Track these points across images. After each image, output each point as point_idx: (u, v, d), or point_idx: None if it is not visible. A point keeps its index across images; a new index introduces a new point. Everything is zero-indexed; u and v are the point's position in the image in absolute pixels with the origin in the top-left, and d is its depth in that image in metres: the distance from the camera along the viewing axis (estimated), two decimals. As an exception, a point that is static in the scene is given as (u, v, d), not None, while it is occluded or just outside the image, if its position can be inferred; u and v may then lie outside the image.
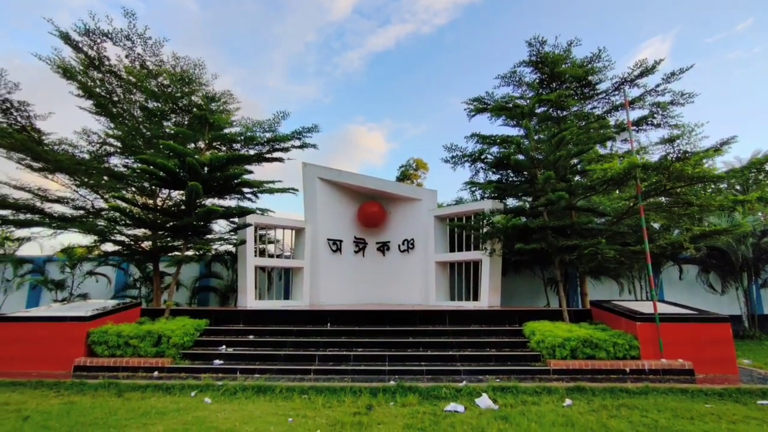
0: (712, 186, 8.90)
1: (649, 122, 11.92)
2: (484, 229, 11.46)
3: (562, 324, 8.93)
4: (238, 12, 60.25)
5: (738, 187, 16.22)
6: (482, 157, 12.21)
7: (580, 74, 11.62)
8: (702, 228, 9.55)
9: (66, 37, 10.90)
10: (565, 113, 12.32)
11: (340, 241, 14.79)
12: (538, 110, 12.33)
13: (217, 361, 8.31)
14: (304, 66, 64.65)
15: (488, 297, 11.76)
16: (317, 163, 14.54)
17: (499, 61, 60.13)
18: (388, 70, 62.55)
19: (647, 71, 11.47)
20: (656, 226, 12.59)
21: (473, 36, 58.72)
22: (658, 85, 11.39)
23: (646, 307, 9.02)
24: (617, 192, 11.34)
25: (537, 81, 12.39)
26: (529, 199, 12.64)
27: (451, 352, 8.39)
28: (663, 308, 8.94)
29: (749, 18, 49.91)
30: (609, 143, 13.57)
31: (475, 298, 12.52)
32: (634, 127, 12.24)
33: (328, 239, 14.45)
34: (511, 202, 14.00)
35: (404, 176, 32.47)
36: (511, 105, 12.29)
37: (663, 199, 10.17)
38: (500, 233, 10.63)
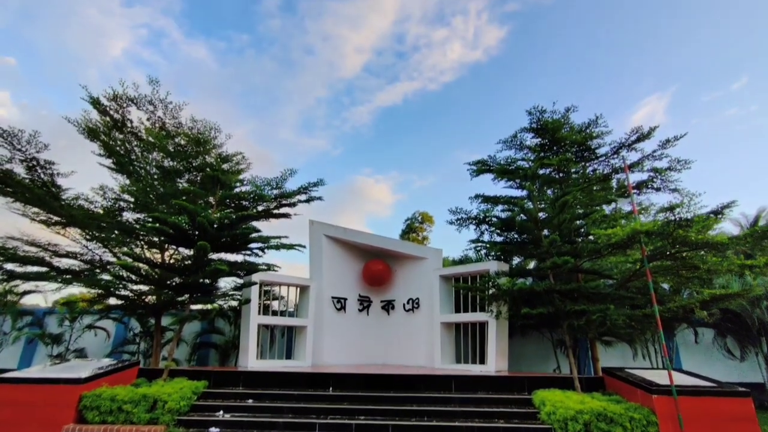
0: (717, 251, 8.88)
1: (650, 186, 12.17)
2: (490, 291, 11.35)
3: (574, 394, 8.54)
4: (254, 69, 64.33)
5: (745, 249, 16.11)
6: (487, 219, 12.40)
7: (579, 140, 12.08)
8: (712, 291, 9.39)
9: (96, 102, 11.67)
10: (566, 176, 12.65)
11: (345, 299, 14.63)
12: (541, 172, 12.66)
13: (213, 429, 7.95)
14: (314, 120, 67.73)
15: (495, 361, 11.37)
16: (324, 215, 14.90)
17: (502, 115, 62.60)
18: (395, 124, 65.28)
19: (643, 137, 11.90)
20: (666, 287, 12.40)
21: (478, 93, 61.72)
22: (654, 151, 11.77)
23: (662, 377, 8.65)
24: (623, 255, 11.32)
25: (538, 145, 12.86)
26: (535, 261, 12.61)
27: (457, 423, 7.98)
28: (680, 379, 8.56)
29: (743, 77, 52.30)
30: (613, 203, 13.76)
31: (482, 361, 12.10)
32: (636, 191, 12.48)
33: (333, 297, 14.31)
34: (517, 261, 13.95)
35: (410, 229, 32.68)
36: (513, 168, 12.67)
37: (669, 262, 10.11)
38: (506, 296, 10.51)
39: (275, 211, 14.36)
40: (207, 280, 10.40)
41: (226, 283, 14.96)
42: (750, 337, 13.60)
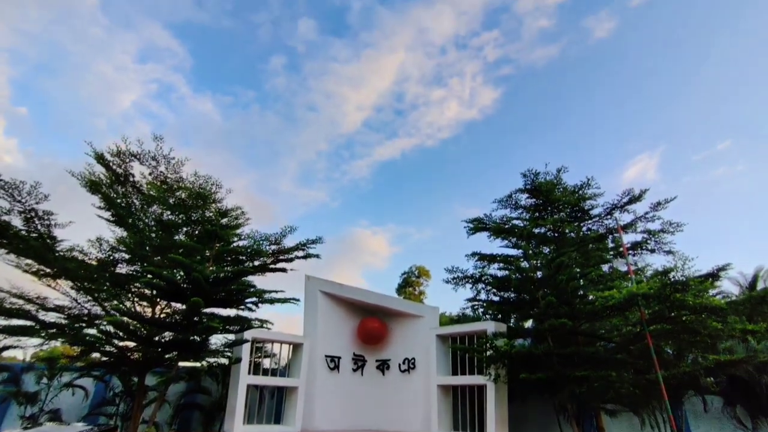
0: (717, 316, 8.77)
1: (644, 248, 12.29)
2: (488, 353, 11.03)
3: (580, 470, 8.01)
4: (258, 123, 66.85)
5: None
6: (483, 278, 12.36)
7: (573, 201, 12.36)
8: (716, 357, 9.16)
9: (100, 158, 11.97)
10: (561, 235, 12.78)
11: (339, 358, 14.12)
12: (536, 231, 12.80)
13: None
14: (315, 172, 69.29)
15: (495, 429, 10.77)
16: (320, 267, 14.87)
17: (497, 170, 64.39)
18: (393, 177, 66.81)
19: (635, 199, 12.20)
20: (669, 351, 12.07)
21: (474, 149, 63.91)
22: (647, 212, 12.02)
23: (670, 452, 8.18)
24: (622, 317, 11.16)
25: (532, 206, 13.13)
26: (533, 321, 12.39)
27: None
28: (690, 454, 8.09)
29: (727, 139, 54.59)
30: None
31: (481, 429, 11.46)
32: (631, 252, 12.57)
33: (326, 356, 13.82)
34: (514, 319, 13.68)
35: (406, 283, 32.29)
36: (509, 227, 12.83)
37: (670, 326, 9.95)
38: (504, 358, 10.20)
39: (272, 267, 14.25)
40: (198, 338, 10.08)
41: (217, 339, 14.48)
42: (760, 407, 13.02)
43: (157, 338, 10.91)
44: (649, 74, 57.40)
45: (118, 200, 12.50)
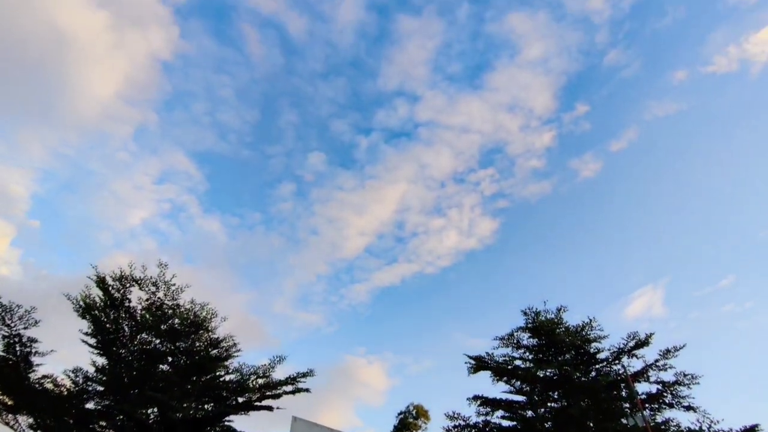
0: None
1: (661, 401, 11.39)
2: None
3: None
4: (262, 244, 68.53)
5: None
6: (487, 429, 11.22)
7: (577, 343, 11.94)
8: None
9: (101, 281, 12.03)
10: (568, 379, 12.00)
11: None
12: (541, 374, 12.07)
13: None
14: (312, 295, 68.36)
15: None
16: (310, 399, 13.46)
17: (498, 300, 63.43)
18: (392, 303, 65.61)
19: (641, 343, 11.78)
20: None
21: (474, 277, 64.09)
22: (657, 360, 11.48)
23: None
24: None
25: (535, 346, 12.65)
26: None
27: None
28: None
29: (730, 275, 54.84)
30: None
31: None
32: (647, 404, 11.62)
33: None
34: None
35: (403, 425, 29.04)
36: (511, 367, 12.15)
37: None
38: None
39: (257, 404, 13.05)
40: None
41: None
42: None
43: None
44: (640, 210, 61.02)
45: (108, 325, 12.14)
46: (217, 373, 11.67)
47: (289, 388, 13.22)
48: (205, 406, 10.33)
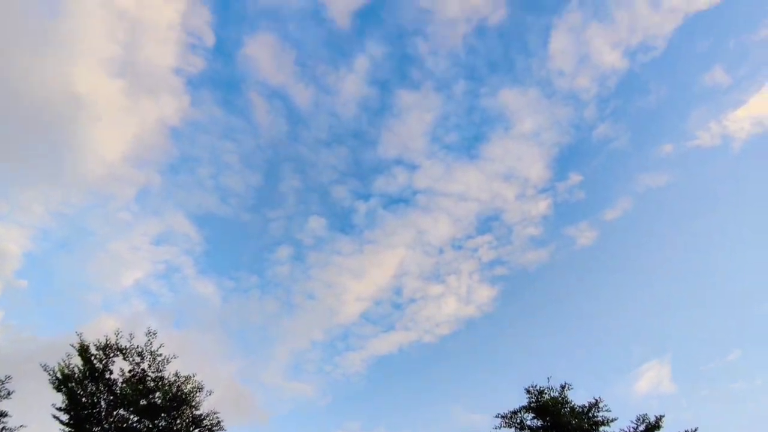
0: None
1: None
2: None
3: None
4: (256, 308, 66.50)
5: None
6: None
7: (584, 427, 11.25)
8: None
9: (84, 351, 11.48)
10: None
11: None
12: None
13: None
14: (306, 363, 65.15)
15: None
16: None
17: (498, 369, 60.57)
18: (388, 373, 62.45)
19: (652, 428, 11.13)
20: None
21: (474, 346, 61.76)
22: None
23: None
24: None
25: (540, 428, 11.89)
26: None
27: None
28: None
29: (736, 349, 53.07)
30: None
31: None
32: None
33: None
34: None
35: None
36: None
37: None
38: None
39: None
40: None
41: None
42: None
43: None
44: (639, 279, 60.75)
45: (84, 399, 11.36)
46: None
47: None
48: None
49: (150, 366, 12.03)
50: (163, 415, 11.77)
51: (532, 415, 12.06)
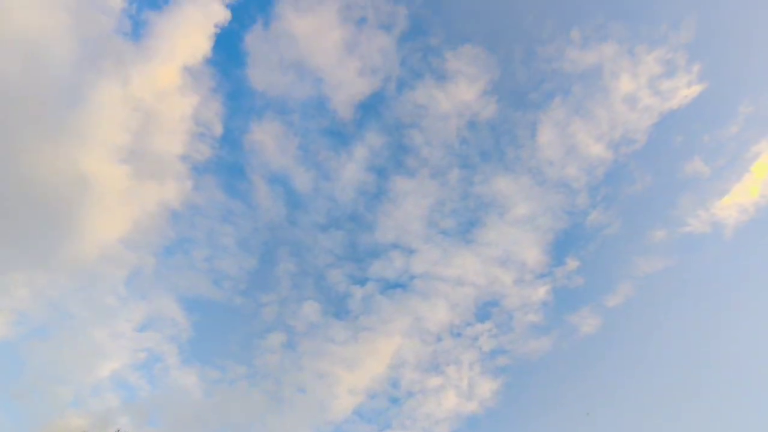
0: None
1: None
2: None
3: None
4: (241, 402, 60.48)
5: None
6: None
7: None
8: None
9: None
10: None
11: None
12: None
13: None
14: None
15: None
16: None
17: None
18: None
19: None
20: None
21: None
22: None
23: None
24: None
25: None
26: None
27: None
28: None
29: None
30: None
31: None
32: None
33: None
34: None
35: None
36: None
37: None
38: None
39: None
40: None
41: None
42: None
43: None
44: (647, 369, 57.30)
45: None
46: None
47: None
48: None
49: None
50: None
51: None
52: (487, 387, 58.32)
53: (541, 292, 59.99)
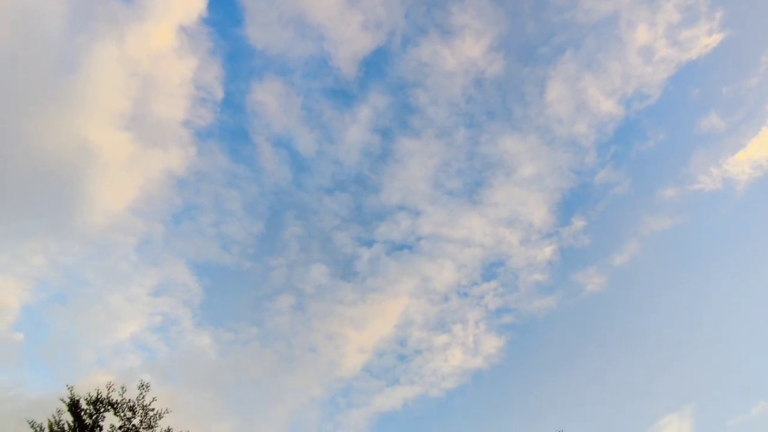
0: None
1: None
2: None
3: None
4: (254, 362, 64.51)
5: None
6: None
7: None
8: None
9: (74, 405, 11.17)
10: None
11: None
12: None
13: None
14: (304, 422, 62.15)
15: None
16: None
17: (509, 427, 57.48)
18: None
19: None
20: None
21: (482, 401, 59.03)
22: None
23: None
24: None
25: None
26: None
27: None
28: None
29: (761, 401, 50.13)
30: None
31: None
32: None
33: None
34: None
35: None
36: None
37: None
38: None
39: None
40: None
41: None
42: None
43: None
44: (652, 326, 59.03)
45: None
46: None
47: None
48: None
49: (142, 422, 11.63)
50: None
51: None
52: (492, 344, 61.08)
53: (547, 251, 60.78)
